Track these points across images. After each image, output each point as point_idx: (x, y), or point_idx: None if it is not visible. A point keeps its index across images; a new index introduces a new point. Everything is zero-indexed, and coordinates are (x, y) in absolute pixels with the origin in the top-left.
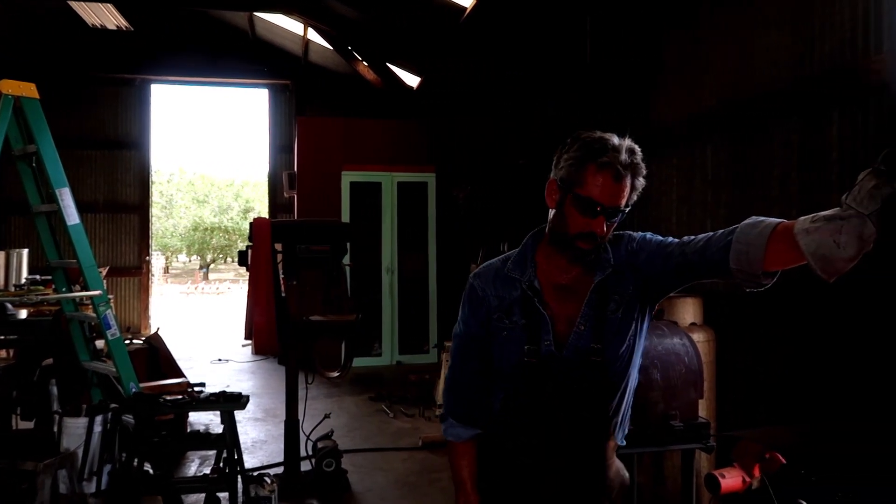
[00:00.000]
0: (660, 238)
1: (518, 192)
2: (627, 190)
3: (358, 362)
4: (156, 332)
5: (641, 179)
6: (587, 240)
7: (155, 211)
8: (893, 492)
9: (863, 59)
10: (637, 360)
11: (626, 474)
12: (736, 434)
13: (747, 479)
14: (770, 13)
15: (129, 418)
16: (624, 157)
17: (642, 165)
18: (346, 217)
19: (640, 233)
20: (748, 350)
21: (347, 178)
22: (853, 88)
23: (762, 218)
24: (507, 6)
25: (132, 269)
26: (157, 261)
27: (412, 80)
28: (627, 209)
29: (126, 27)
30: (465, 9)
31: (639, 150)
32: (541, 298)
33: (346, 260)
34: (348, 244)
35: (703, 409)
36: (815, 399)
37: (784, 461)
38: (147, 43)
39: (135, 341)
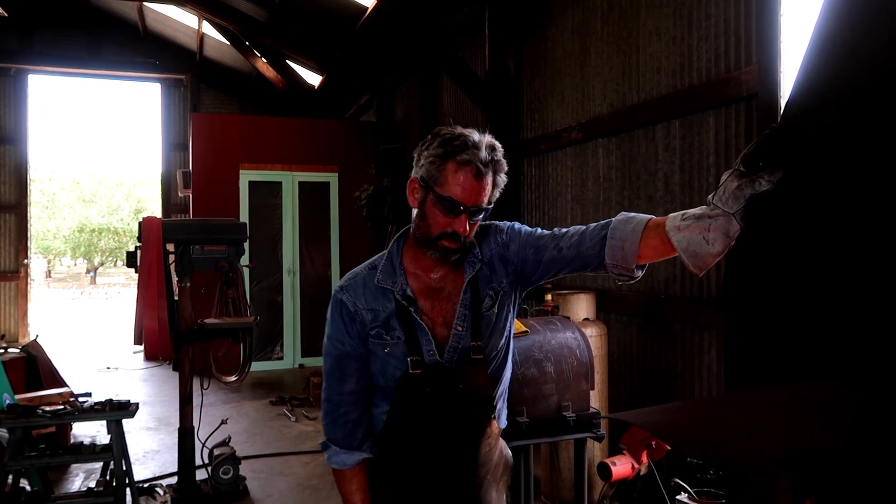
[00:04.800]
0: (529, 229)
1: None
2: (489, 187)
3: (258, 366)
4: (34, 340)
5: (503, 176)
6: (451, 239)
7: (35, 211)
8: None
9: (735, 71)
10: (512, 347)
11: (510, 453)
12: (610, 416)
13: (636, 466)
14: (653, 26)
15: (2, 432)
16: (484, 154)
17: (503, 162)
18: (244, 217)
19: (508, 223)
20: (633, 342)
21: (246, 177)
22: (726, 97)
23: (633, 214)
24: (407, 9)
25: (8, 274)
26: (37, 264)
27: (314, 79)
28: (490, 206)
29: None
30: (367, 9)
31: (499, 146)
32: (416, 307)
33: (245, 261)
34: (246, 245)
35: (596, 400)
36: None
37: (669, 448)
38: (23, 30)
39: (10, 350)
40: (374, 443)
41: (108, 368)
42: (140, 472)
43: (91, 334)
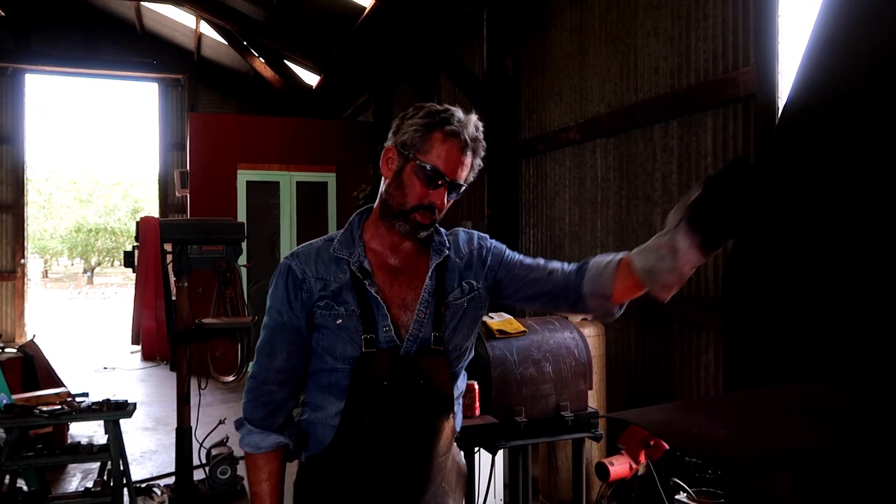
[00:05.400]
0: (517, 253)
1: None
2: (469, 165)
3: None
4: (31, 340)
5: (480, 161)
6: (426, 211)
7: (32, 211)
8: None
9: (732, 71)
10: (471, 346)
11: (463, 461)
12: (611, 416)
13: (634, 466)
14: (651, 26)
15: None
16: (471, 129)
17: (484, 144)
18: (242, 217)
19: (487, 237)
20: (630, 342)
21: (243, 176)
22: (724, 97)
23: (610, 255)
24: (405, 9)
25: (5, 273)
26: (34, 264)
27: (312, 79)
28: (464, 186)
29: None
30: (365, 9)
31: (482, 127)
32: (372, 280)
33: (243, 261)
34: (244, 244)
35: (594, 400)
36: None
37: (667, 447)
38: (21, 29)
39: (7, 350)
40: (324, 452)
41: (106, 368)
42: (137, 472)
43: (88, 334)
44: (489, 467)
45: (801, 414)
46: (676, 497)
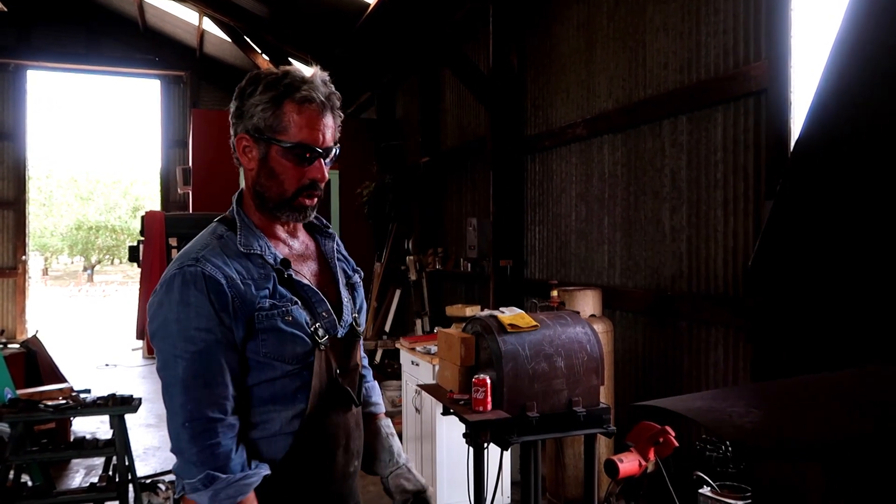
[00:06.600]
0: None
1: (421, 189)
2: (332, 126)
3: None
4: (34, 336)
5: (340, 113)
6: (310, 191)
7: (32, 208)
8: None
9: (744, 66)
10: None
11: None
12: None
13: (643, 463)
14: (660, 21)
15: (3, 427)
16: (321, 87)
17: (338, 94)
18: None
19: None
20: (638, 339)
21: None
22: (735, 92)
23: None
24: (410, 4)
25: (6, 270)
26: (34, 262)
27: None
28: (337, 148)
29: None
30: (369, 5)
31: (328, 78)
32: (294, 270)
33: None
34: None
35: (603, 397)
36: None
37: (677, 444)
38: (23, 25)
39: (10, 346)
40: (279, 466)
41: (107, 365)
42: (141, 469)
43: (89, 332)
44: (497, 463)
45: (844, 403)
46: (700, 491)
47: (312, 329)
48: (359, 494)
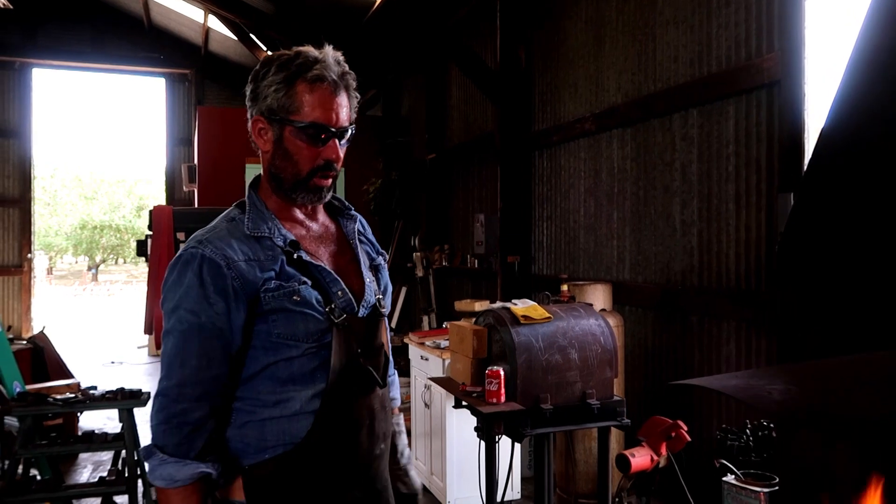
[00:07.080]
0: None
1: (428, 186)
2: (348, 104)
3: None
4: (41, 332)
5: (356, 93)
6: (325, 171)
7: (37, 207)
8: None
9: (756, 58)
10: None
11: None
12: (681, 382)
13: (655, 458)
14: (670, 14)
15: (12, 421)
16: (334, 66)
17: (353, 74)
18: None
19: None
20: (648, 334)
21: (252, 171)
22: (747, 85)
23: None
24: (415, 2)
25: (11, 268)
26: (39, 260)
27: None
28: (353, 128)
29: (4, 5)
30: (375, 1)
31: (341, 57)
32: (305, 251)
33: None
34: None
35: (616, 389)
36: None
37: (689, 439)
38: (28, 24)
39: (17, 342)
40: (299, 446)
41: (113, 363)
42: None
43: (95, 330)
44: (508, 458)
45: (880, 383)
46: (724, 479)
47: (327, 309)
48: (387, 478)
